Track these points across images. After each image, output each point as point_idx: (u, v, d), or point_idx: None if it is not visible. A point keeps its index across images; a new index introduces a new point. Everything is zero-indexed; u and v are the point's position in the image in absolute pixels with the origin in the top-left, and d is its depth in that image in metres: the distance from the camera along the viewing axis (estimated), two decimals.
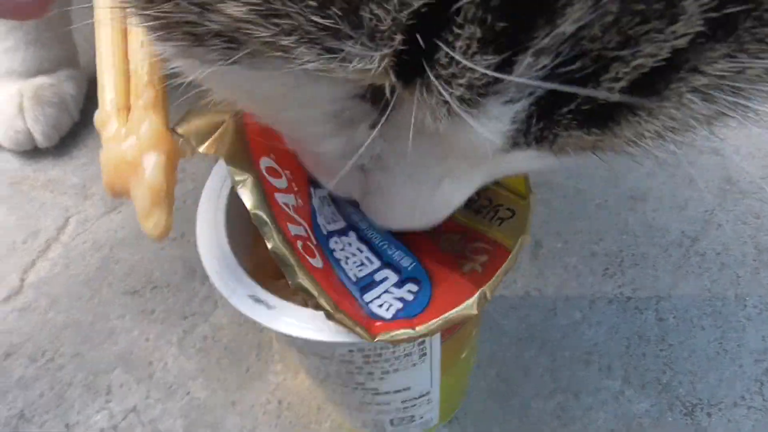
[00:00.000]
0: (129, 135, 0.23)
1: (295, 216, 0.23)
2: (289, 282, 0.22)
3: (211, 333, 0.41)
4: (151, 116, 0.23)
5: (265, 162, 0.23)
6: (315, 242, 0.23)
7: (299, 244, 0.22)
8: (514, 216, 0.26)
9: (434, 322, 0.22)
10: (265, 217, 0.22)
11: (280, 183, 0.24)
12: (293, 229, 0.23)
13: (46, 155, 0.52)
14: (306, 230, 0.23)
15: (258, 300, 0.24)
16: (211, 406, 0.38)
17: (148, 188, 0.22)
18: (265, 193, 0.22)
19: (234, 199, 0.26)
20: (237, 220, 0.26)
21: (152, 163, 0.22)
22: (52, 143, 0.52)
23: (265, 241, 0.22)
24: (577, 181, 0.48)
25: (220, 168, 0.27)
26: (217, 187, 0.27)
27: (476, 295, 0.23)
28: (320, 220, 0.25)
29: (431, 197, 0.21)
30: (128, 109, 0.23)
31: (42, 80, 0.52)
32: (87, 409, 0.38)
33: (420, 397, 0.30)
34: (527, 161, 0.19)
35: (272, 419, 0.37)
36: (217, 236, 0.25)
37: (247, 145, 0.23)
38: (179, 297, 0.43)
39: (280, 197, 0.23)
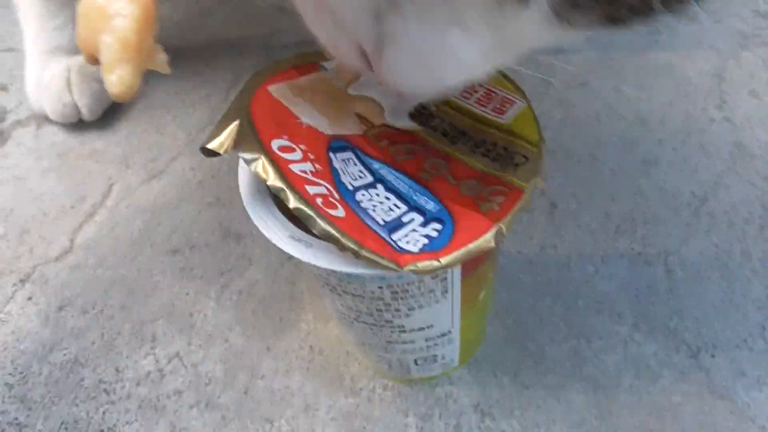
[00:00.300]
0: None
1: (314, 179, 0.26)
2: (314, 231, 0.25)
3: (246, 288, 0.44)
4: None
5: (277, 143, 0.27)
6: (338, 197, 0.26)
7: (319, 200, 0.25)
8: (528, 162, 0.28)
9: (457, 254, 0.25)
10: (281, 184, 0.25)
11: (295, 156, 0.27)
12: (312, 189, 0.26)
13: (90, 128, 0.56)
14: (327, 188, 0.26)
15: (297, 239, 0.26)
16: (248, 352, 0.41)
17: (117, 39, 0.21)
18: (278, 166, 0.26)
19: None
20: None
21: (125, 13, 0.21)
22: (96, 117, 0.55)
23: (286, 203, 0.25)
24: (592, 148, 0.50)
25: None
26: None
27: (494, 229, 0.26)
28: (345, 179, 0.27)
29: (442, 46, 0.21)
30: None
31: None
32: (135, 355, 0.41)
33: (442, 336, 0.33)
34: (537, 31, 0.20)
35: (305, 363, 0.40)
36: (258, 187, 0.28)
37: (256, 134, 0.27)
38: (216, 256, 0.46)
39: (295, 167, 0.26)
